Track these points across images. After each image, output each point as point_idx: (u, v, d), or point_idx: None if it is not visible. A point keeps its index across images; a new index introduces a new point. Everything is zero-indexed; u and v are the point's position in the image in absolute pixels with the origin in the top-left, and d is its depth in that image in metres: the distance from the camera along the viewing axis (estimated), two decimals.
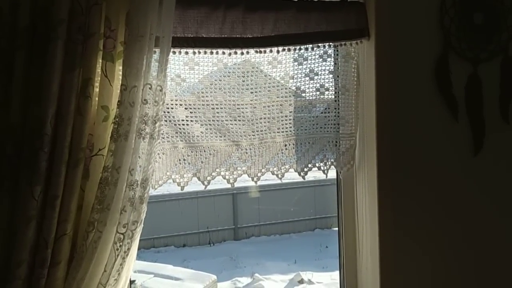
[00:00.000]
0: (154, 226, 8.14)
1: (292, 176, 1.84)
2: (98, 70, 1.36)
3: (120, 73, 1.37)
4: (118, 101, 1.32)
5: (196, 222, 8.86)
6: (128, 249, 1.37)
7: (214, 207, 8.90)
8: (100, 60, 1.36)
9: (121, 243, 1.34)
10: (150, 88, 1.36)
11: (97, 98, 1.36)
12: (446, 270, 1.85)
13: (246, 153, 1.75)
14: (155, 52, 1.40)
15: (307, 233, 9.23)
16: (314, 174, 1.85)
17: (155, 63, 1.40)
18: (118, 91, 1.36)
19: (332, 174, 1.93)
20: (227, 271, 7.59)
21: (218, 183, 1.75)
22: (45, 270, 1.29)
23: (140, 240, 1.48)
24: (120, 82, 1.34)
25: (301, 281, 6.96)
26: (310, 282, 6.94)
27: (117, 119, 1.32)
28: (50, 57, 1.27)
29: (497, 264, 1.89)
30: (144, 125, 1.35)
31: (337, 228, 2.07)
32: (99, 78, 1.36)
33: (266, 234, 9.16)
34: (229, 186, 1.75)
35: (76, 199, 1.33)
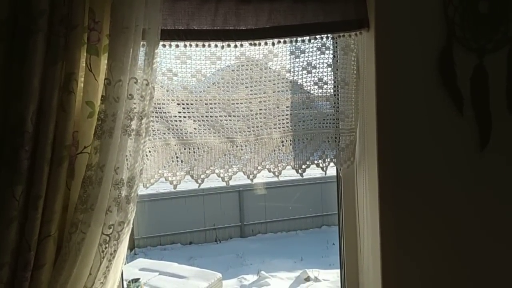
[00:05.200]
0: (160, 223, 8.14)
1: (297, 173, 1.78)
2: (83, 64, 1.31)
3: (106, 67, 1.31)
4: (102, 96, 1.27)
5: (203, 219, 8.84)
6: (115, 251, 1.32)
7: (220, 205, 8.88)
8: (85, 54, 1.30)
9: (106, 245, 1.29)
10: (135, 83, 1.30)
11: (81, 94, 1.31)
12: (448, 268, 1.79)
13: (241, 150, 1.69)
14: (143, 45, 1.34)
15: (314, 230, 9.18)
16: (321, 171, 1.79)
17: (144, 57, 1.34)
18: (103, 86, 1.30)
19: (331, 171, 1.87)
20: (233, 268, 7.57)
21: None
22: (28, 273, 1.24)
23: (146, 237, 1.42)
24: (105, 76, 1.29)
25: (307, 279, 6.91)
26: (316, 279, 6.88)
27: (101, 115, 1.26)
28: (30, 50, 1.22)
29: (501, 262, 1.83)
30: (129, 121, 1.29)
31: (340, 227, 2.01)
32: (83, 73, 1.31)
33: (273, 231, 9.14)
34: (235, 183, 1.70)
35: (61, 199, 1.28)
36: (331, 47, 1.75)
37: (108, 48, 1.28)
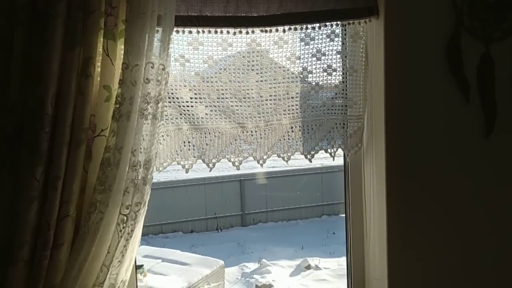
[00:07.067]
0: (162, 212, 8.20)
1: (299, 163, 1.81)
2: (100, 49, 1.33)
3: (122, 52, 1.34)
4: (120, 80, 1.29)
5: (204, 208, 8.90)
6: (132, 230, 1.35)
7: (221, 194, 8.92)
8: (102, 39, 1.33)
9: (124, 225, 1.33)
10: (152, 67, 1.33)
11: (99, 78, 1.34)
12: (454, 256, 1.82)
13: (252, 135, 1.72)
14: (157, 31, 1.37)
15: (314, 219, 9.24)
16: (322, 161, 1.82)
17: (158, 42, 1.37)
18: (120, 70, 1.33)
19: (339, 160, 1.89)
20: (234, 256, 7.64)
21: (226, 170, 1.72)
22: (47, 251, 1.27)
23: (148, 226, 1.46)
24: (122, 60, 1.31)
25: (308, 267, 6.99)
26: (317, 267, 6.96)
27: (118, 99, 1.29)
28: (49, 35, 1.24)
29: (504, 245, 1.85)
30: (146, 104, 1.32)
31: (344, 215, 2.04)
32: (100, 57, 1.33)
33: (274, 220, 9.20)
34: (236, 172, 1.72)
35: (79, 181, 1.31)
36: (341, 34, 1.77)
37: (125, 33, 1.31)
